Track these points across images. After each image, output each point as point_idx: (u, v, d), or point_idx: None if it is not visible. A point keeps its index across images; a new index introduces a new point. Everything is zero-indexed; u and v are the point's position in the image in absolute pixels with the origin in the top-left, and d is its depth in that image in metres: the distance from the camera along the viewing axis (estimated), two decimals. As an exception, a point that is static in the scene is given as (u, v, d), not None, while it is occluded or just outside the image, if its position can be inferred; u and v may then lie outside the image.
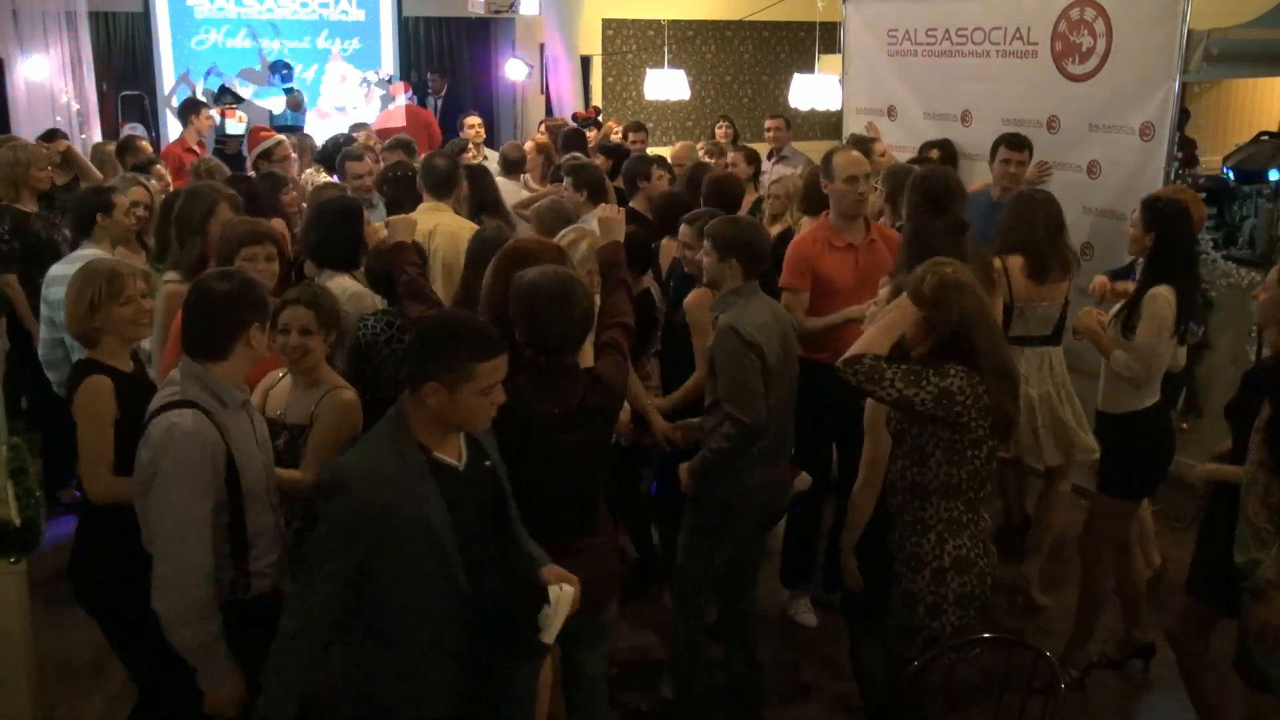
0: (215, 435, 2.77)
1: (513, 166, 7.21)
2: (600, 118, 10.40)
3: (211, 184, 4.17)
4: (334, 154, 7.02)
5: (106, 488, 3.07)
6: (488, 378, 2.57)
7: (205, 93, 10.28)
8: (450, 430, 2.65)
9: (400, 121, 10.42)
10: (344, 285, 4.05)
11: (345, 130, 8.41)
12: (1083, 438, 4.73)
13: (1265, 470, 3.08)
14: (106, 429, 3.09)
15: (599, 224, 3.78)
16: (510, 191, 6.56)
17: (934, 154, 6.09)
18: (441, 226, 4.83)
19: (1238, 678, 3.44)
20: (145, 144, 7.40)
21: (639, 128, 8.38)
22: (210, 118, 8.53)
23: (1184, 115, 8.92)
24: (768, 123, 8.32)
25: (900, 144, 6.92)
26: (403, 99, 11.12)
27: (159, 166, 6.67)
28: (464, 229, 4.76)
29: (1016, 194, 5.13)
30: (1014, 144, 5.68)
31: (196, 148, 8.14)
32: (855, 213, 4.51)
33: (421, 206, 5.01)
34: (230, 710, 2.81)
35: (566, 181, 5.57)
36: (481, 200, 5.66)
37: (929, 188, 4.19)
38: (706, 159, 7.17)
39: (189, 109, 8.39)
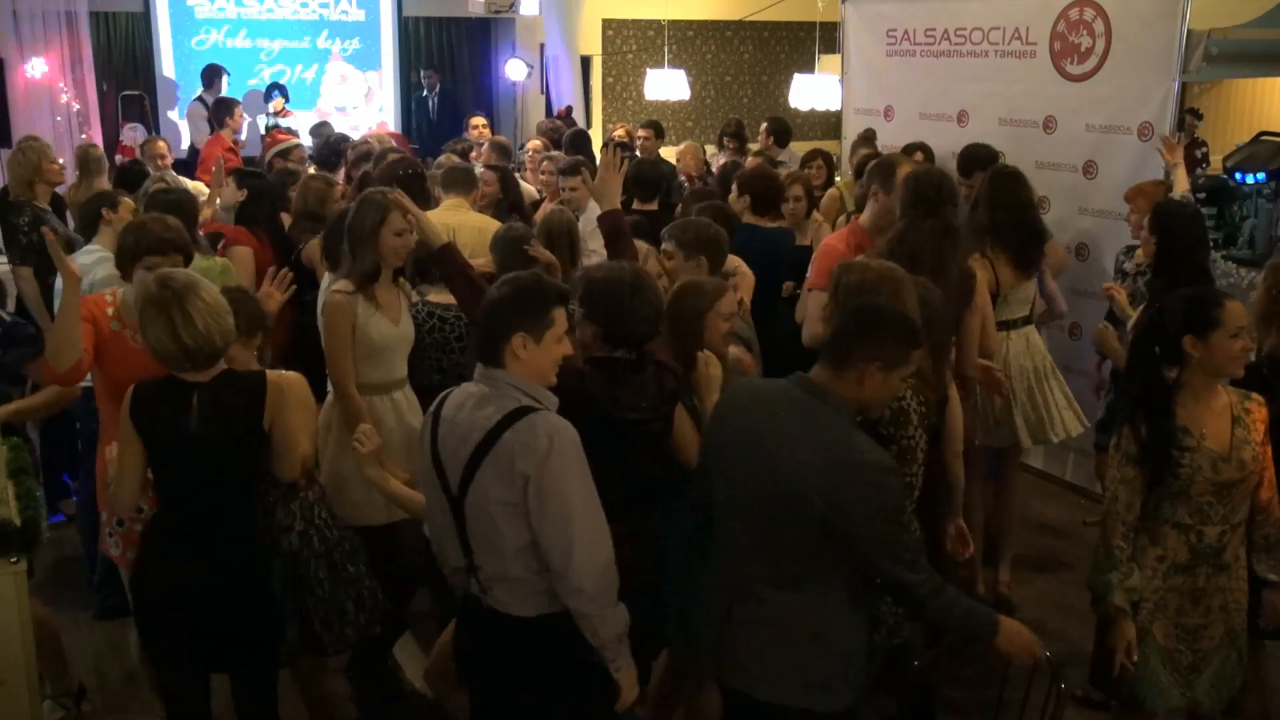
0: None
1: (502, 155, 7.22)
2: (573, 115, 10.41)
3: (383, 190, 4.12)
4: (328, 156, 7.04)
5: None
6: (913, 366, 2.70)
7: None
8: None
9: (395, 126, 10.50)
10: None
11: (335, 134, 8.31)
12: (1069, 417, 4.71)
13: (1129, 489, 3.06)
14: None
15: (594, 189, 3.72)
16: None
17: (918, 156, 6.03)
18: (466, 224, 4.95)
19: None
20: (162, 144, 7.31)
21: (649, 125, 8.20)
22: (244, 116, 8.59)
23: (1189, 115, 8.93)
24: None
25: (897, 144, 6.92)
26: None
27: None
28: (488, 226, 4.87)
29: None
30: (964, 171, 5.61)
31: (233, 147, 8.18)
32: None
33: (444, 204, 5.16)
34: (634, 692, 2.79)
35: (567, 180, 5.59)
36: (512, 201, 5.77)
37: (921, 189, 4.11)
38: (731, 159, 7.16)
39: (223, 109, 8.41)
